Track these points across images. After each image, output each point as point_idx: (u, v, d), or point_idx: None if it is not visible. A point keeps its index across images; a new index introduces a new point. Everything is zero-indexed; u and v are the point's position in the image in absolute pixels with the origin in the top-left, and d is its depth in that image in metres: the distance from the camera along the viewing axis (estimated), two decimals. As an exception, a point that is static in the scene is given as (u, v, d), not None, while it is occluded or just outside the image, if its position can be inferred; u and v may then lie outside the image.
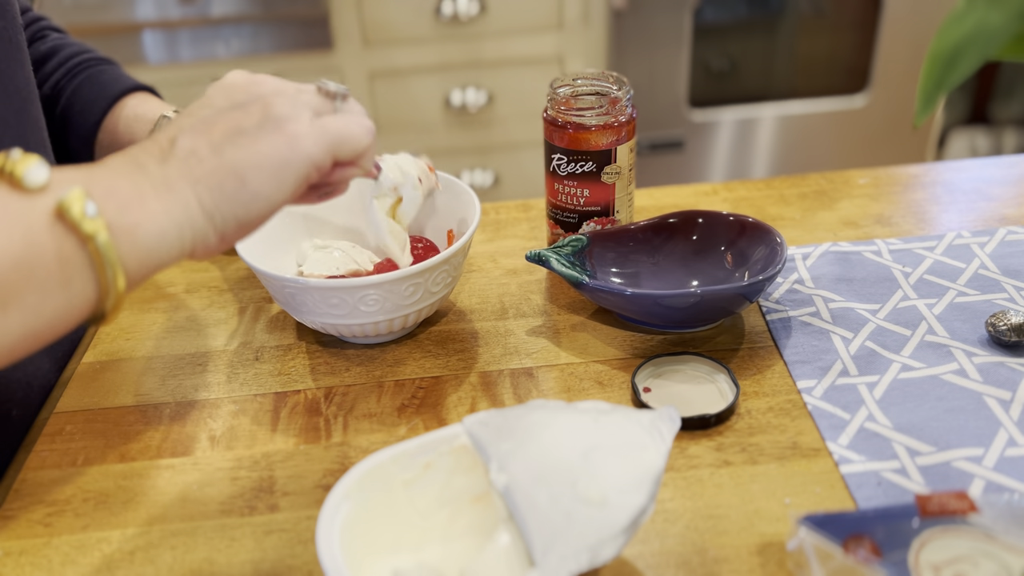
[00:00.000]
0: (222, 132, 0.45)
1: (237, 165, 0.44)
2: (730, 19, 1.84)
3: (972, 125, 2.28)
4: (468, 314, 0.69)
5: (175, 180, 0.43)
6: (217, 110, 0.46)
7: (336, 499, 0.44)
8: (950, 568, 0.42)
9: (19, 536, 0.52)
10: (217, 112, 0.46)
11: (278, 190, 0.45)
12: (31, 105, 0.63)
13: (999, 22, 0.40)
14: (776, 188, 0.84)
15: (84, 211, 0.39)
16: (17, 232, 0.38)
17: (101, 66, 0.77)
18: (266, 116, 0.46)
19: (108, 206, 0.40)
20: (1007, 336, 0.60)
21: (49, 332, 0.40)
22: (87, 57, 0.77)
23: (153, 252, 0.42)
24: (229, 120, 0.45)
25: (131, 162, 0.43)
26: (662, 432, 0.46)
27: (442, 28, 1.71)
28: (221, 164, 0.44)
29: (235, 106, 0.47)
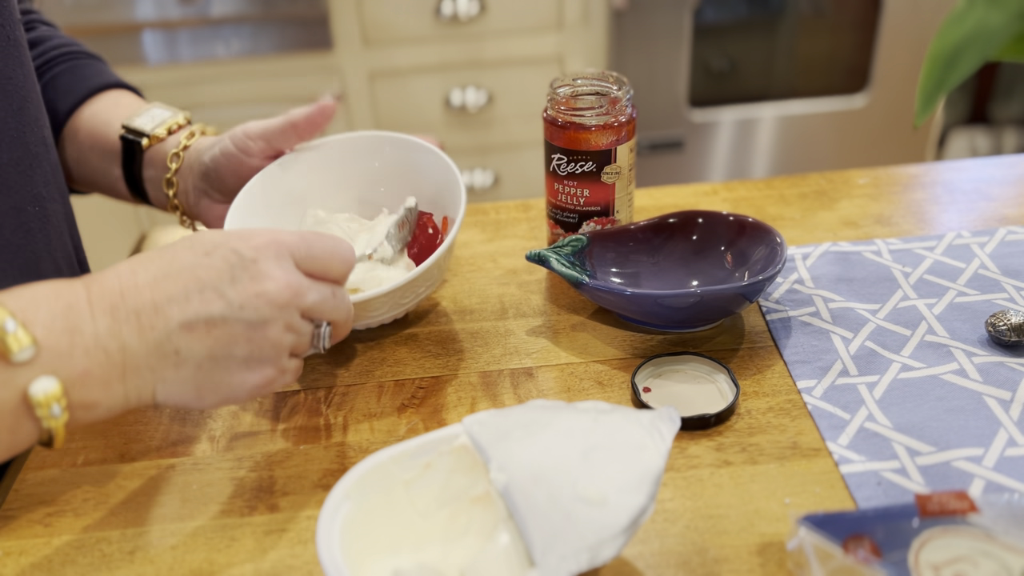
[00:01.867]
0: (212, 346, 0.46)
1: (202, 385, 0.47)
2: (730, 19, 1.84)
3: (972, 125, 2.28)
4: (468, 314, 0.69)
5: (144, 370, 0.46)
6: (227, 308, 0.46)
7: (336, 499, 0.44)
8: (950, 568, 0.42)
9: (19, 536, 0.52)
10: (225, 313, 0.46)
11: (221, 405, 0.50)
12: (30, 104, 0.63)
13: (999, 22, 0.40)
14: (776, 188, 0.84)
15: (51, 413, 0.43)
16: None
17: (85, 60, 0.76)
18: (258, 354, 0.48)
19: (75, 388, 0.44)
20: (1007, 336, 0.60)
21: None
22: (72, 49, 0.76)
23: (100, 417, 0.46)
24: (228, 335, 0.47)
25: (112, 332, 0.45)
26: (662, 432, 0.46)
27: (442, 28, 1.71)
28: (192, 377, 0.47)
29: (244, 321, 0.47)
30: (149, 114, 0.71)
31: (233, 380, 0.48)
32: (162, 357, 0.45)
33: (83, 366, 0.44)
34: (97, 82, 0.74)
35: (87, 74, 0.74)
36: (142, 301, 0.45)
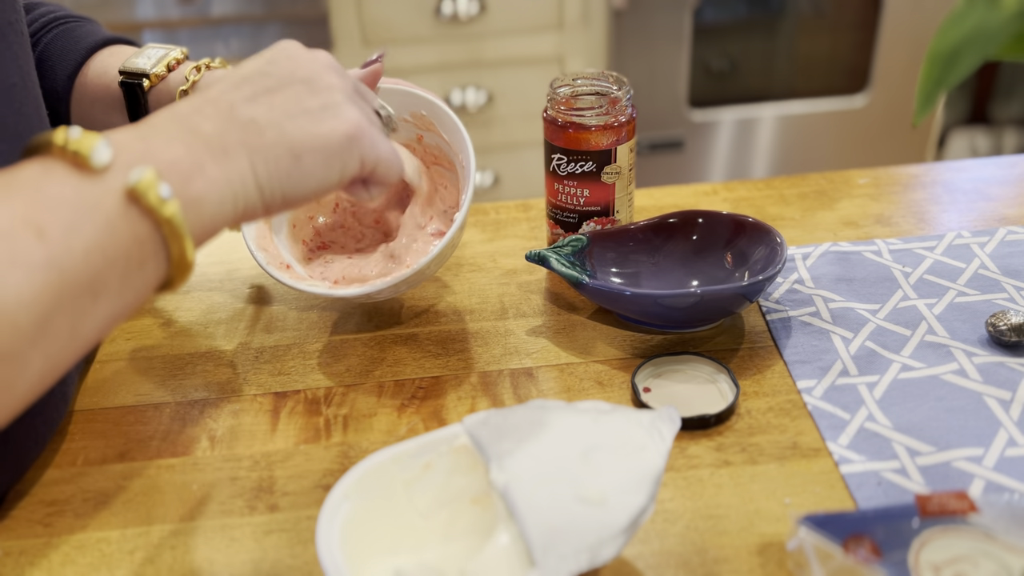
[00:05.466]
0: (284, 106, 0.45)
1: (295, 143, 0.45)
2: (730, 19, 1.84)
3: (972, 125, 2.28)
4: (468, 314, 0.69)
5: (233, 146, 0.43)
6: (279, 79, 0.46)
7: (336, 499, 0.44)
8: (950, 568, 0.42)
9: (19, 536, 0.52)
10: (279, 82, 0.46)
11: (326, 177, 0.47)
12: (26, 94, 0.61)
13: (999, 22, 0.40)
14: (776, 188, 0.84)
15: (160, 195, 0.39)
16: (99, 220, 0.38)
17: (74, 23, 0.73)
18: (330, 101, 0.47)
19: (172, 180, 0.40)
20: (1007, 336, 0.60)
21: (128, 313, 0.41)
22: (61, 14, 0.73)
23: (213, 219, 0.43)
24: (292, 94, 0.46)
25: (183, 125, 0.43)
26: (662, 432, 0.46)
27: (442, 28, 1.71)
28: (280, 139, 0.45)
29: (298, 80, 0.47)
30: (144, 54, 0.68)
31: (321, 129, 0.46)
32: (242, 128, 0.44)
33: (168, 156, 0.41)
34: (91, 41, 0.70)
35: (80, 35, 0.71)
36: (196, 102, 0.44)
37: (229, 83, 0.46)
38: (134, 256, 0.39)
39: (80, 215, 0.38)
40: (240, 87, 0.46)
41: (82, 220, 0.38)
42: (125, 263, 0.39)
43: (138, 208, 0.39)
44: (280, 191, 0.45)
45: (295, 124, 0.45)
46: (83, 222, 0.38)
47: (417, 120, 0.68)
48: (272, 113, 0.45)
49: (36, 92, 0.62)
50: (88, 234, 0.38)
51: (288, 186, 0.45)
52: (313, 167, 0.46)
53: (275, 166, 0.44)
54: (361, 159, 0.48)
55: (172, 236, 0.40)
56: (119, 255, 0.39)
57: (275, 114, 0.45)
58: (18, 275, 0.36)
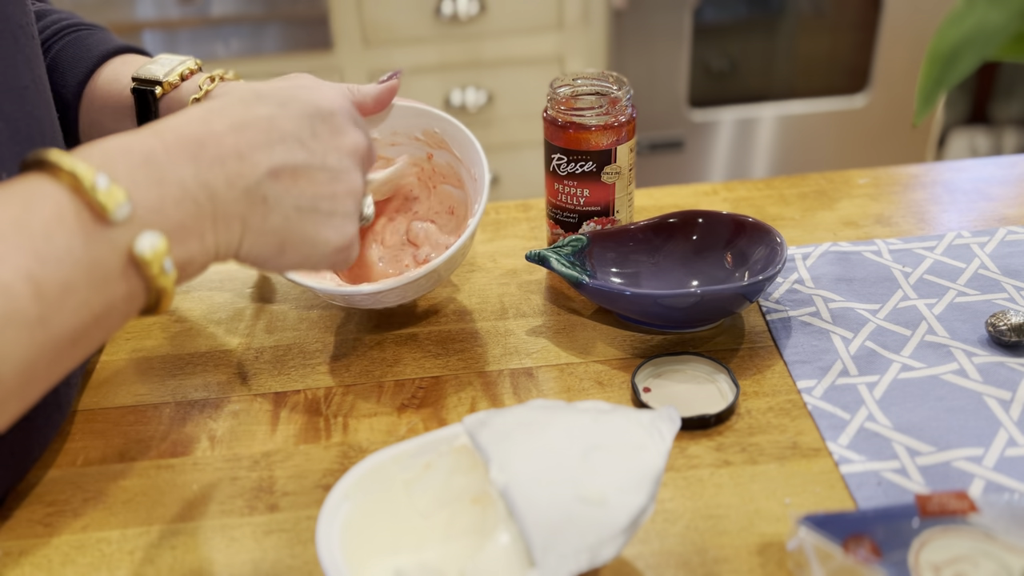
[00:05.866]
0: (299, 195, 0.46)
1: (288, 238, 0.46)
2: (730, 19, 1.84)
3: (972, 125, 2.28)
4: (468, 314, 0.69)
5: (234, 218, 0.44)
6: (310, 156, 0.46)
7: (336, 499, 0.44)
8: (950, 568, 0.42)
9: (19, 536, 0.52)
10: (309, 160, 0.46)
11: (297, 268, 0.48)
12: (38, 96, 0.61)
13: (999, 22, 0.40)
14: (776, 188, 0.84)
15: (163, 269, 0.40)
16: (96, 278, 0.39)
17: (86, 31, 0.72)
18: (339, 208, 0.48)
19: (174, 243, 0.41)
20: (1007, 336, 0.60)
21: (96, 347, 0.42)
22: (73, 22, 0.72)
23: (192, 277, 0.44)
24: (313, 184, 0.46)
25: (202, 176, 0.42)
26: (662, 432, 0.46)
27: (442, 28, 1.71)
28: (278, 229, 0.45)
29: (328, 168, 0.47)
30: (158, 63, 0.67)
31: (318, 235, 0.47)
32: (251, 204, 0.44)
33: (177, 218, 0.41)
34: (102, 49, 0.70)
35: (91, 43, 0.71)
36: (225, 148, 0.43)
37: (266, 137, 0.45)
38: (119, 308, 0.41)
39: (79, 273, 0.38)
40: (272, 149, 0.45)
41: (80, 278, 0.38)
42: (109, 315, 0.40)
43: (136, 271, 0.40)
44: (253, 263, 0.47)
45: (299, 219, 0.46)
46: (80, 281, 0.38)
47: (429, 138, 0.68)
48: (285, 199, 0.45)
49: (47, 95, 0.62)
50: (82, 293, 0.39)
51: (261, 263, 0.47)
52: (291, 262, 0.47)
53: (260, 248, 0.45)
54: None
55: (160, 298, 0.41)
56: (105, 310, 0.40)
57: (287, 201, 0.45)
58: (10, 333, 0.37)
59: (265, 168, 0.44)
